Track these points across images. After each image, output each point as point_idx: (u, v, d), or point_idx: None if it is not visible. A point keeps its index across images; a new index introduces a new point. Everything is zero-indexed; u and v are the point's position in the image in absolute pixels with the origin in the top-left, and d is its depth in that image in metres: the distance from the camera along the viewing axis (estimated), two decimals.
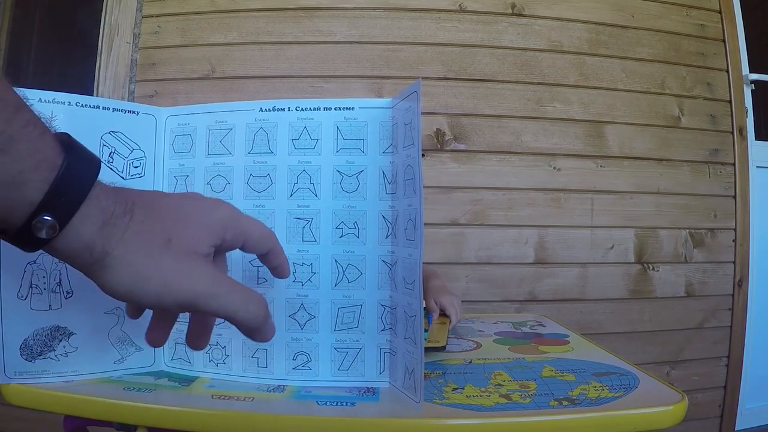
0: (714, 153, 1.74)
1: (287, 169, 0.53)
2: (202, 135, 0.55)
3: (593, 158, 1.66)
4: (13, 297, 0.49)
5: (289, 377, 0.54)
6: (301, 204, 0.52)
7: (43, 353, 0.49)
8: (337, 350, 0.53)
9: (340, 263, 0.53)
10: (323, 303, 0.53)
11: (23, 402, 0.54)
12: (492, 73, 1.63)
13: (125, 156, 0.54)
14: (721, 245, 1.73)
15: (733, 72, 1.76)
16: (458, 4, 1.63)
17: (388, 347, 0.53)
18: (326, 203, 0.52)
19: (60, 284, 0.50)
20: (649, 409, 0.51)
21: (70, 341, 0.50)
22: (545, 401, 0.52)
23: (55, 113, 0.51)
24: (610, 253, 1.66)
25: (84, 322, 0.51)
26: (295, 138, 0.53)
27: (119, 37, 1.70)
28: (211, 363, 0.56)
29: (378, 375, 0.54)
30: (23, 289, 0.49)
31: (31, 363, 0.49)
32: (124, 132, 0.54)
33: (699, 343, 1.71)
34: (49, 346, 0.49)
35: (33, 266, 0.49)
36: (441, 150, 1.61)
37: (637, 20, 1.71)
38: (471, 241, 1.60)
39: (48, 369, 0.50)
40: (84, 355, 0.52)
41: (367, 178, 0.53)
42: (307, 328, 0.53)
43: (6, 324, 0.48)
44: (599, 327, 1.64)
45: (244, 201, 0.53)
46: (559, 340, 0.80)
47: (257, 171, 0.53)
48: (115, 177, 0.53)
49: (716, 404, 1.73)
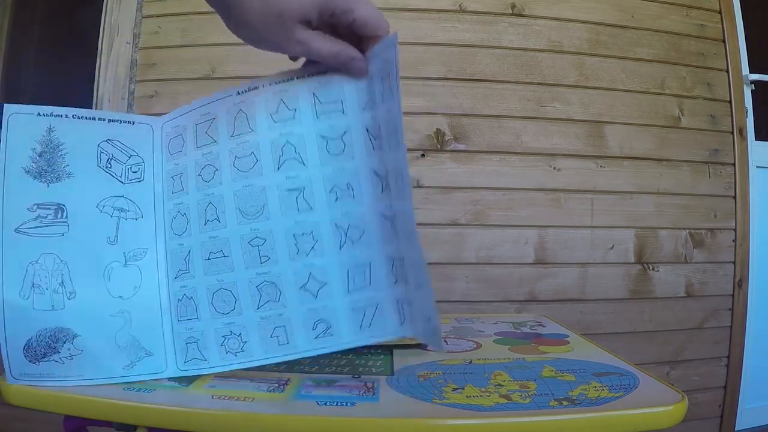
0: (714, 153, 1.74)
1: (270, 143, 0.53)
2: (190, 132, 0.55)
3: (593, 158, 1.66)
4: (15, 296, 0.49)
5: (313, 348, 0.54)
6: (290, 175, 0.52)
7: (47, 355, 0.49)
8: (354, 311, 0.53)
9: (340, 226, 0.52)
10: (331, 268, 0.52)
11: (23, 402, 0.54)
12: (492, 73, 1.63)
13: (123, 162, 0.54)
14: (721, 245, 1.73)
15: (733, 72, 1.76)
16: (458, 5, 1.63)
17: (404, 298, 0.53)
18: (315, 170, 0.52)
19: (62, 284, 0.50)
20: (649, 409, 0.51)
21: (74, 343, 0.50)
22: (545, 401, 0.52)
23: (53, 125, 0.52)
24: (610, 254, 1.66)
25: (89, 324, 0.51)
26: (273, 112, 0.53)
27: (119, 37, 1.70)
28: (229, 354, 0.55)
29: (400, 326, 0.54)
30: (25, 288, 0.49)
31: (36, 365, 0.49)
32: (121, 140, 0.54)
33: (699, 343, 1.71)
34: (53, 348, 0.49)
35: (35, 266, 0.49)
36: (441, 150, 1.61)
37: (637, 20, 1.71)
38: (471, 241, 1.60)
39: (53, 372, 0.50)
40: (90, 358, 0.51)
41: (352, 137, 0.52)
42: (321, 296, 0.53)
43: (9, 324, 0.48)
44: (599, 327, 1.64)
45: (233, 183, 0.53)
46: (559, 341, 0.80)
47: (241, 152, 0.53)
48: (114, 182, 0.53)
49: (716, 404, 1.73)
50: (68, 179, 0.51)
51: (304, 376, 0.61)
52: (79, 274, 0.50)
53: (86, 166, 0.53)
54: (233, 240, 0.51)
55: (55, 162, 0.51)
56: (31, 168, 0.50)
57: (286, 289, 0.53)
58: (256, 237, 0.49)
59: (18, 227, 0.49)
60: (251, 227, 0.52)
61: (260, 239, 0.51)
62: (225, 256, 0.52)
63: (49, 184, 0.50)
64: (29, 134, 0.51)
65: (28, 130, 0.51)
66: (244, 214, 0.52)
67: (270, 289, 0.52)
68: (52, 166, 0.50)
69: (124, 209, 0.53)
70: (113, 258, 0.52)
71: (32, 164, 0.50)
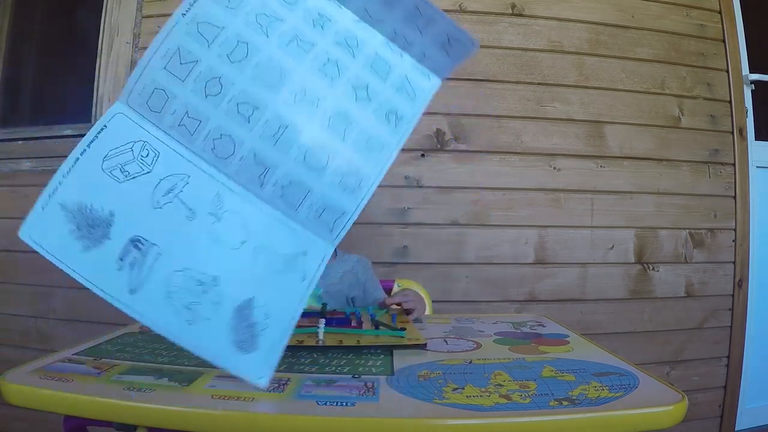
0: (714, 153, 1.74)
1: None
2: (164, 75, 0.54)
3: (593, 158, 1.66)
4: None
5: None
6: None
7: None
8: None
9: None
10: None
11: (23, 402, 0.54)
12: (492, 73, 1.63)
13: (131, 159, 0.54)
14: (721, 245, 1.73)
15: (733, 72, 1.76)
16: (458, 4, 1.63)
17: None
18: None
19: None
20: (649, 409, 0.51)
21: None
22: (545, 401, 0.52)
23: (62, 185, 0.54)
24: (610, 254, 1.66)
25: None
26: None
27: (119, 37, 1.70)
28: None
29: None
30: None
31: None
32: (112, 146, 0.54)
33: (699, 343, 1.71)
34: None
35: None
36: (441, 150, 1.61)
37: (637, 20, 1.71)
38: (471, 241, 1.60)
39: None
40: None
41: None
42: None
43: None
44: (599, 327, 1.64)
45: (243, 74, 0.55)
46: (559, 341, 0.80)
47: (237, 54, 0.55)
48: (143, 178, 0.53)
49: (716, 404, 1.73)
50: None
51: (304, 376, 0.61)
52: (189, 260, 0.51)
53: (116, 189, 0.53)
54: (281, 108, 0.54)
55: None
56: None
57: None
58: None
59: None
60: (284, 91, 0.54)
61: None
62: (286, 127, 0.55)
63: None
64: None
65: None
66: (269, 86, 0.54)
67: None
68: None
69: (171, 188, 0.53)
70: (203, 225, 0.53)
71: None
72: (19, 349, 1.65)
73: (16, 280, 1.66)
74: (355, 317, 0.86)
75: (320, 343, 0.72)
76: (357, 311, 0.90)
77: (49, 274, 1.63)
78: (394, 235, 1.58)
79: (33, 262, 1.67)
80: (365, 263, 1.20)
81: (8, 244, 1.68)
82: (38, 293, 1.64)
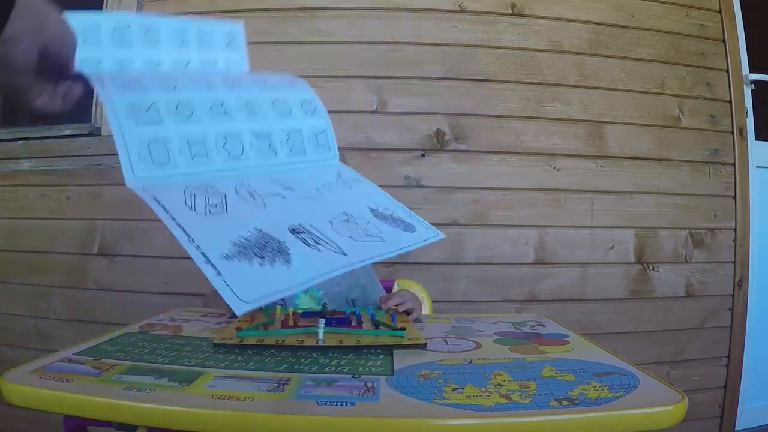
0: (714, 153, 1.74)
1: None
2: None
3: (593, 158, 1.66)
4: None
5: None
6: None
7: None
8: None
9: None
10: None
11: (23, 402, 0.54)
12: (492, 73, 1.63)
13: (203, 201, 0.52)
14: (721, 245, 1.73)
15: (733, 72, 1.76)
16: (458, 5, 1.63)
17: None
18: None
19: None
20: (649, 409, 0.51)
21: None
22: (545, 401, 0.52)
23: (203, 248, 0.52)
24: (610, 254, 1.66)
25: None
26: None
27: None
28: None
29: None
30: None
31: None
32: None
33: (699, 343, 1.71)
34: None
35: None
36: (441, 150, 1.60)
37: (637, 20, 1.71)
38: (471, 241, 1.60)
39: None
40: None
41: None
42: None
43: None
44: (599, 327, 1.64)
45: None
46: (559, 340, 0.80)
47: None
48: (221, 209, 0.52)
49: (716, 404, 1.73)
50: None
51: (304, 376, 0.61)
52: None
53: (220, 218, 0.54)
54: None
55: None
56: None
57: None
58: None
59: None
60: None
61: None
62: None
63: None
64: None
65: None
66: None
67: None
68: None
69: (250, 193, 0.54)
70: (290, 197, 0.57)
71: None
72: (19, 349, 1.65)
73: (16, 280, 1.66)
74: (355, 317, 0.86)
75: (320, 343, 0.72)
76: (357, 311, 0.90)
77: (49, 274, 1.64)
78: None
79: (33, 261, 1.67)
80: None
81: (8, 244, 1.68)
82: (38, 293, 1.64)
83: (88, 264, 1.62)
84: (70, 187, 1.65)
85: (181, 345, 0.75)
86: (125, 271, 1.61)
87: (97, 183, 1.63)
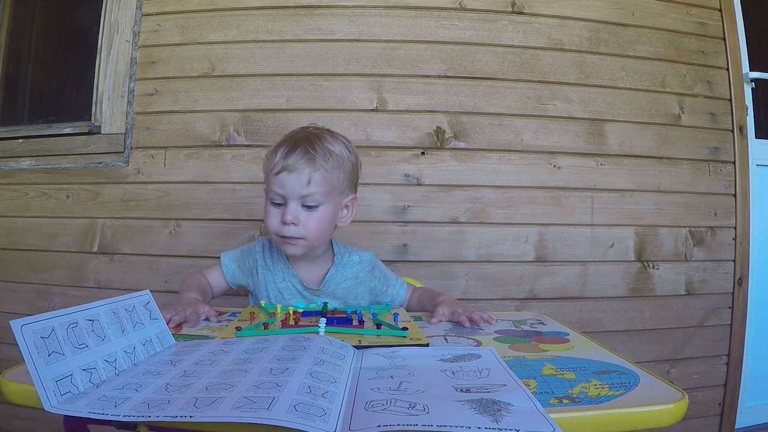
0: (714, 151, 1.73)
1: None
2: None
3: (593, 156, 1.66)
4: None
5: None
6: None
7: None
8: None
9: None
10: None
11: (23, 400, 0.54)
12: (492, 71, 1.63)
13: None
14: (722, 243, 1.73)
15: (733, 70, 1.76)
16: (458, 2, 1.63)
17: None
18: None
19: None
20: (649, 407, 0.51)
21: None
22: (545, 399, 0.52)
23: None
24: (611, 252, 1.66)
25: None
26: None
27: (119, 35, 1.70)
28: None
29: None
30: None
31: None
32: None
33: (699, 341, 1.71)
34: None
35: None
36: (441, 148, 1.60)
37: (638, 18, 1.71)
38: (471, 239, 1.60)
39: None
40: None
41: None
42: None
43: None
44: (599, 325, 1.64)
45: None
46: (559, 339, 0.80)
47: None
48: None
49: (716, 402, 1.73)
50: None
51: None
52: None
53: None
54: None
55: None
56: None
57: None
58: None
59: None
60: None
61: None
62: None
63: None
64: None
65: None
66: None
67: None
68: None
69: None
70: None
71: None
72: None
73: (16, 279, 1.66)
74: (357, 316, 0.86)
75: None
76: (358, 310, 0.90)
77: (49, 272, 1.64)
78: (394, 233, 1.58)
79: (33, 260, 1.67)
80: (367, 263, 1.10)
81: (8, 243, 1.68)
82: (38, 291, 1.64)
83: (88, 262, 1.62)
84: (70, 185, 1.65)
85: None
86: (125, 270, 1.61)
87: (97, 181, 1.64)
